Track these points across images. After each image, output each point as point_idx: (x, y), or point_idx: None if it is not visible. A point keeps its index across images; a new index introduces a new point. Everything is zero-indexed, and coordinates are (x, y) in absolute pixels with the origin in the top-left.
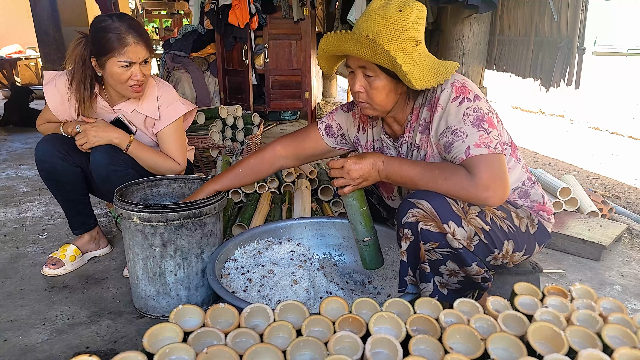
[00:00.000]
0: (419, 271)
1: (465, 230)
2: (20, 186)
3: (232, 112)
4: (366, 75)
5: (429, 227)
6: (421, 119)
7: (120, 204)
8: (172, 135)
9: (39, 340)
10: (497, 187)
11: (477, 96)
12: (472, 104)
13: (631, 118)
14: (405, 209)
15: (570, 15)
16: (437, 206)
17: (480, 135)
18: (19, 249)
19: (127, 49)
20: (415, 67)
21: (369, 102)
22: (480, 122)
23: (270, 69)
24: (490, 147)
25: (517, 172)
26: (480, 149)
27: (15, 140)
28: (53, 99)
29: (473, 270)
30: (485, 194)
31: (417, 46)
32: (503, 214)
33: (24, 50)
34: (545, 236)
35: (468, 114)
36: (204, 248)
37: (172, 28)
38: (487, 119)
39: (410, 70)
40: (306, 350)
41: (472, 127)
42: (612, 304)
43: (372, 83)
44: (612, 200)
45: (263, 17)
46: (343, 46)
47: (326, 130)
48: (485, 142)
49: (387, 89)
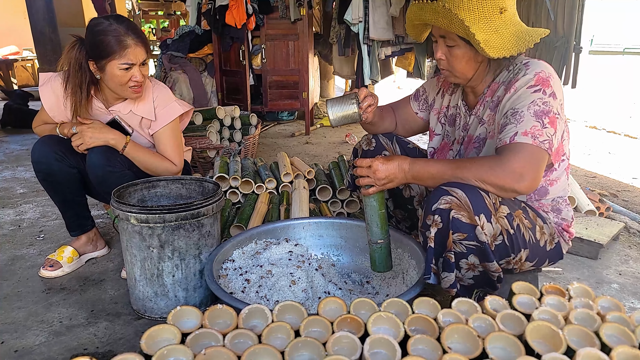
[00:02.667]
0: (442, 259)
1: (492, 227)
2: (17, 188)
3: (230, 113)
4: (447, 44)
5: (461, 216)
6: (495, 96)
7: (117, 205)
8: (168, 136)
9: (36, 342)
10: (526, 176)
11: (554, 94)
12: (545, 98)
13: (628, 117)
14: (437, 196)
15: (567, 15)
16: (471, 196)
17: (534, 126)
18: (16, 251)
19: (128, 51)
20: (497, 35)
21: (450, 69)
22: (542, 115)
23: (267, 69)
24: (537, 139)
25: (561, 185)
26: (526, 137)
27: (12, 141)
28: (49, 100)
29: (493, 267)
30: (512, 178)
31: (501, 14)
32: (529, 224)
33: (20, 51)
34: (558, 256)
35: (536, 102)
36: (202, 249)
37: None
38: (551, 116)
39: (490, 38)
40: (304, 351)
41: (532, 115)
42: (610, 303)
43: (452, 51)
44: (609, 199)
45: (260, 18)
46: (424, 15)
47: (415, 95)
48: (535, 133)
49: (466, 57)
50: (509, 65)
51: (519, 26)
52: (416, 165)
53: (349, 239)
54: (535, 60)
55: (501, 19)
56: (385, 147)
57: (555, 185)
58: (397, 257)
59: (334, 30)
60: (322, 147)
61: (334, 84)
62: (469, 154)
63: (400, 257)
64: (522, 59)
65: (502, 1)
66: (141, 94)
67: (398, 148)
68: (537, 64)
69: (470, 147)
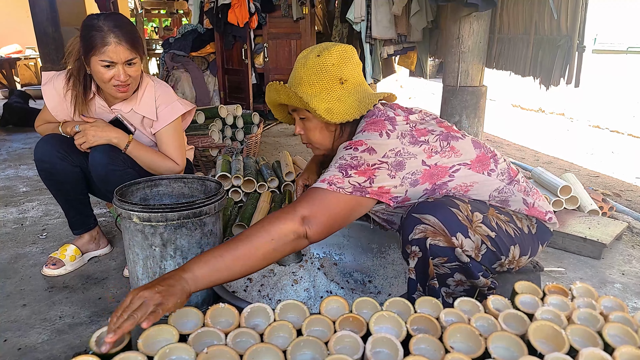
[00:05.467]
0: (428, 287)
1: (472, 241)
2: (20, 186)
3: (232, 112)
4: (300, 118)
5: (437, 242)
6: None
7: (119, 203)
8: (170, 135)
9: (39, 340)
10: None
11: (371, 149)
12: (356, 153)
13: (631, 116)
14: (411, 225)
15: (570, 13)
16: (443, 219)
17: (334, 175)
18: (18, 249)
19: (107, 49)
20: (340, 103)
21: (309, 142)
22: (346, 168)
23: (269, 67)
24: (335, 185)
25: (482, 185)
26: (322, 183)
27: (15, 140)
28: (51, 98)
29: (480, 283)
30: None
31: (342, 84)
32: (506, 217)
33: (23, 50)
34: (547, 234)
35: (344, 157)
36: (204, 248)
37: (171, 27)
38: (361, 169)
39: (333, 106)
40: (307, 350)
41: (335, 168)
42: (613, 303)
43: (306, 124)
44: (612, 199)
45: (262, 16)
46: (273, 96)
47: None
48: (333, 180)
49: (318, 127)
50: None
51: (363, 93)
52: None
53: (351, 238)
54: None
55: (343, 88)
56: None
57: (473, 188)
58: (400, 257)
59: (336, 29)
60: None
61: None
62: None
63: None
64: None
65: (341, 73)
66: (128, 94)
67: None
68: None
69: None
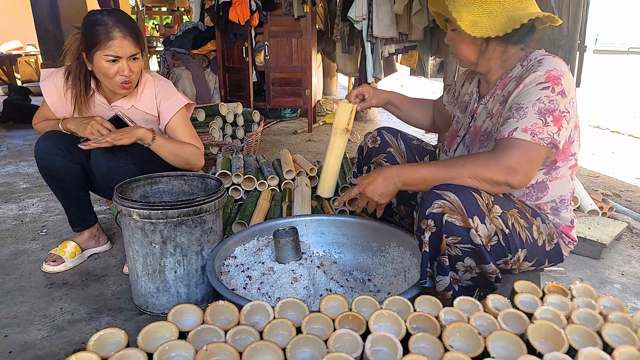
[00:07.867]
0: (437, 263)
1: (487, 228)
2: (20, 183)
3: (233, 110)
4: (450, 28)
5: (454, 220)
6: (506, 91)
7: (120, 200)
8: (180, 124)
9: (38, 336)
10: (520, 170)
11: (563, 92)
12: (553, 96)
13: (632, 117)
14: (430, 200)
15: (572, 13)
16: (463, 199)
17: (535, 123)
18: (18, 246)
19: (113, 43)
20: (489, 18)
21: (454, 53)
22: (546, 114)
23: (270, 66)
24: (537, 136)
25: (562, 183)
26: (525, 134)
27: (15, 136)
28: (51, 95)
29: (490, 269)
30: (507, 172)
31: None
32: (525, 224)
33: (23, 46)
34: (558, 257)
35: (542, 100)
36: (203, 245)
37: (172, 25)
38: (556, 115)
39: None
40: (306, 348)
41: (535, 113)
42: (612, 303)
43: (453, 35)
44: (612, 199)
45: (263, 14)
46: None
47: (448, 89)
48: (535, 130)
49: (463, 40)
50: (524, 59)
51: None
52: (404, 172)
53: (350, 237)
54: (550, 57)
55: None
56: (389, 144)
57: (556, 182)
58: (399, 255)
59: (337, 27)
60: (324, 145)
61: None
62: (474, 147)
63: (402, 255)
64: (538, 54)
65: None
66: (130, 90)
67: (403, 144)
68: (551, 61)
69: (476, 140)
